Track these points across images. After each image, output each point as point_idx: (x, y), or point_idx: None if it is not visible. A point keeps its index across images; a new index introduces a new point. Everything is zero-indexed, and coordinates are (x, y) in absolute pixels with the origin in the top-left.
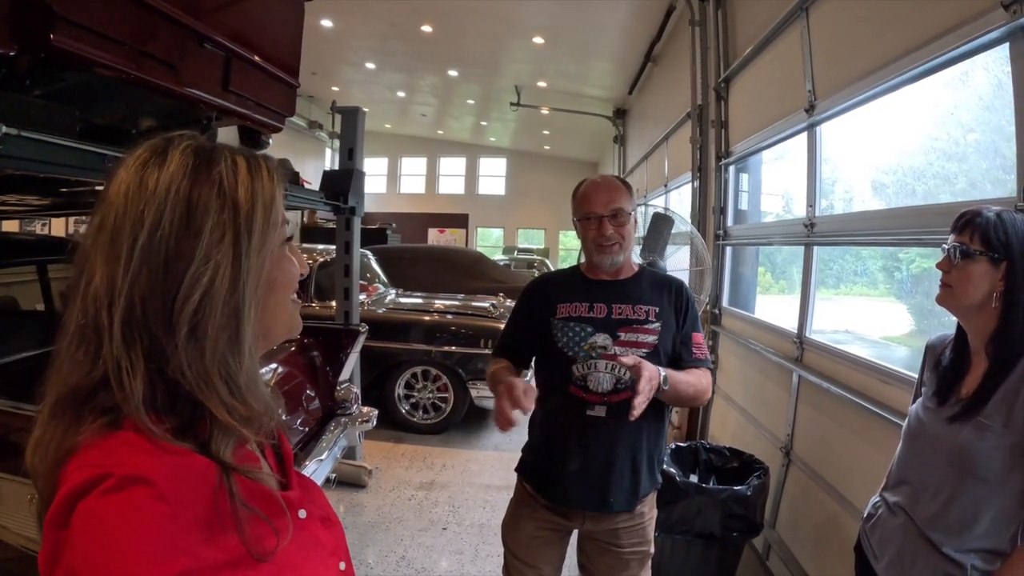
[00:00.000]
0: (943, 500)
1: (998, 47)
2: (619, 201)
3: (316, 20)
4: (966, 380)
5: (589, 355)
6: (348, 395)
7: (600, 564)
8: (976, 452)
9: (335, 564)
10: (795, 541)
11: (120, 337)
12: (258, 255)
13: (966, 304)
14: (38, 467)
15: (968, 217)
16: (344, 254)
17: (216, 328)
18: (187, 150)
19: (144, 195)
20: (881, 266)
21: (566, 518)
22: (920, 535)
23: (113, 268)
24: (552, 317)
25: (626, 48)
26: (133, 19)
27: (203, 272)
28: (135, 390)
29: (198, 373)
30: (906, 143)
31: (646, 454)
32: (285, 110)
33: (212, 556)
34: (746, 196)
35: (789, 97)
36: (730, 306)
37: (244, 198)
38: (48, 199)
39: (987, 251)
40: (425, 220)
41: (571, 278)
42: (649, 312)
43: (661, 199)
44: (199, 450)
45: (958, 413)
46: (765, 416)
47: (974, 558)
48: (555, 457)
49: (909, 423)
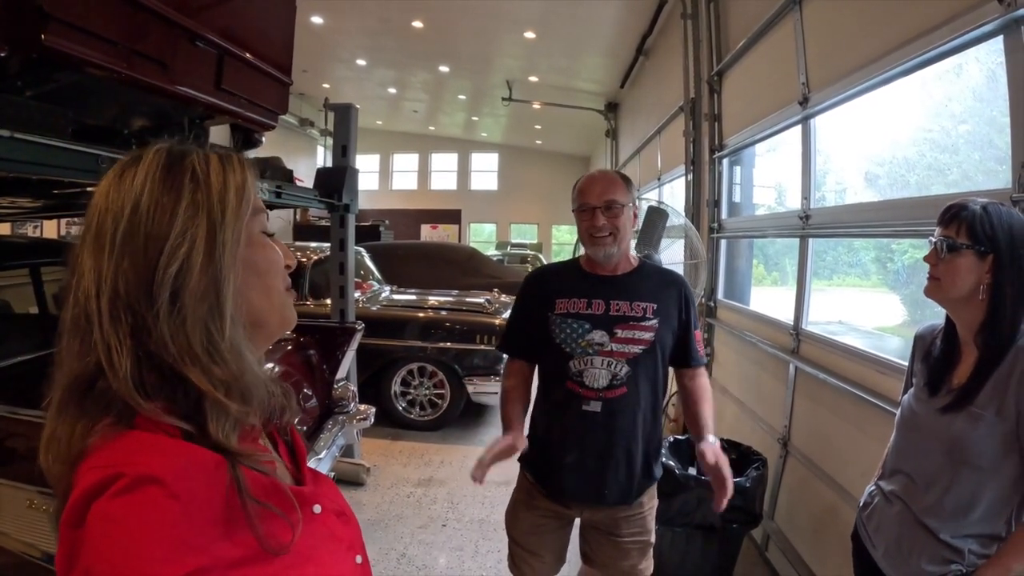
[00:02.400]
0: (939, 488)
1: (992, 40)
2: (613, 193)
3: (306, 17)
4: (956, 370)
5: (586, 351)
6: (345, 393)
7: (601, 553)
8: (970, 441)
9: (352, 558)
10: (793, 531)
11: (108, 319)
12: (232, 229)
13: (954, 296)
14: (52, 466)
15: (954, 210)
16: (339, 251)
17: (195, 298)
18: (160, 151)
19: (121, 191)
20: (874, 257)
21: (565, 507)
22: (917, 522)
23: (99, 259)
24: (551, 312)
25: (618, 42)
26: (124, 18)
27: (180, 244)
28: (123, 367)
29: (180, 345)
30: (899, 135)
31: (642, 449)
32: (278, 108)
33: (227, 552)
34: (740, 189)
35: (783, 90)
36: (725, 299)
37: (216, 180)
38: (41, 201)
39: (973, 244)
40: (418, 216)
41: (570, 272)
42: (647, 309)
43: (654, 192)
44: (199, 436)
45: (950, 403)
46: (762, 408)
47: (971, 543)
48: (552, 450)
49: (902, 413)
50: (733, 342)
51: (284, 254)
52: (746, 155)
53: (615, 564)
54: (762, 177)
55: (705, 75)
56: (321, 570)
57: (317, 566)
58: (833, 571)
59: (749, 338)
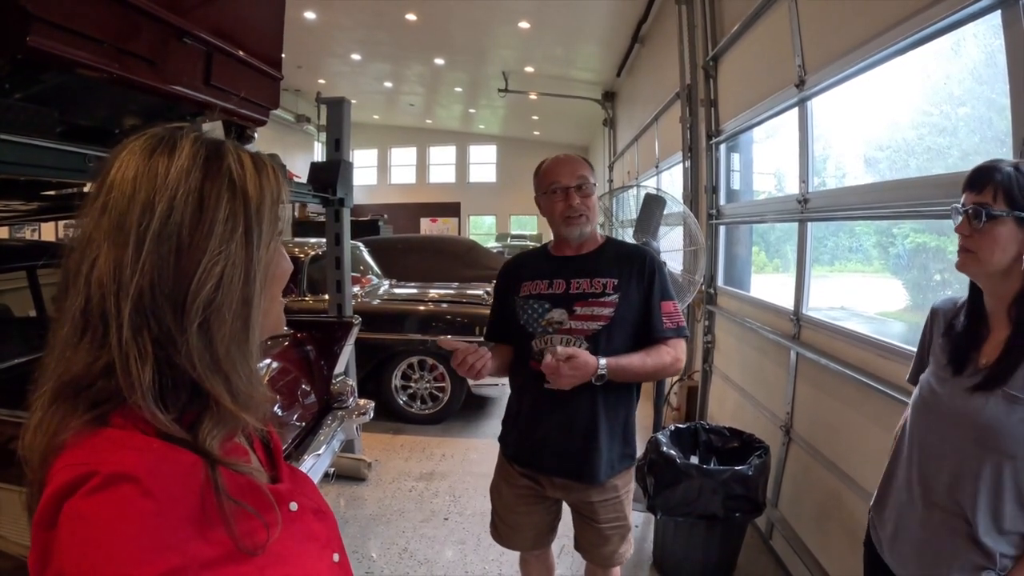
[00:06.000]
0: (967, 481)
1: (990, 15)
2: (582, 171)
3: (299, 12)
4: (984, 347)
5: (546, 331)
6: (344, 388)
7: (584, 539)
8: (1006, 427)
9: (329, 556)
10: (797, 519)
11: (129, 325)
12: (267, 248)
13: (993, 269)
14: (32, 454)
15: (986, 173)
16: (335, 246)
17: (229, 318)
18: (196, 141)
19: (154, 182)
20: (875, 242)
21: (539, 484)
22: (943, 524)
23: (120, 253)
24: (516, 296)
25: (613, 30)
26: (111, 16)
27: (216, 262)
28: (144, 378)
29: (208, 363)
30: (897, 117)
31: (606, 427)
32: (269, 103)
33: (202, 552)
34: (738, 175)
35: (779, 73)
36: (725, 285)
37: (254, 192)
38: (34, 203)
39: (1012, 210)
40: (417, 210)
41: (537, 257)
42: (607, 284)
43: (653, 180)
44: (187, 441)
45: (981, 383)
46: (764, 395)
47: (1003, 544)
48: (521, 427)
49: (921, 394)
50: (734, 329)
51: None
52: (744, 141)
53: (597, 550)
54: (761, 164)
55: (700, 60)
56: (297, 569)
57: (293, 565)
58: (837, 559)
59: (750, 325)
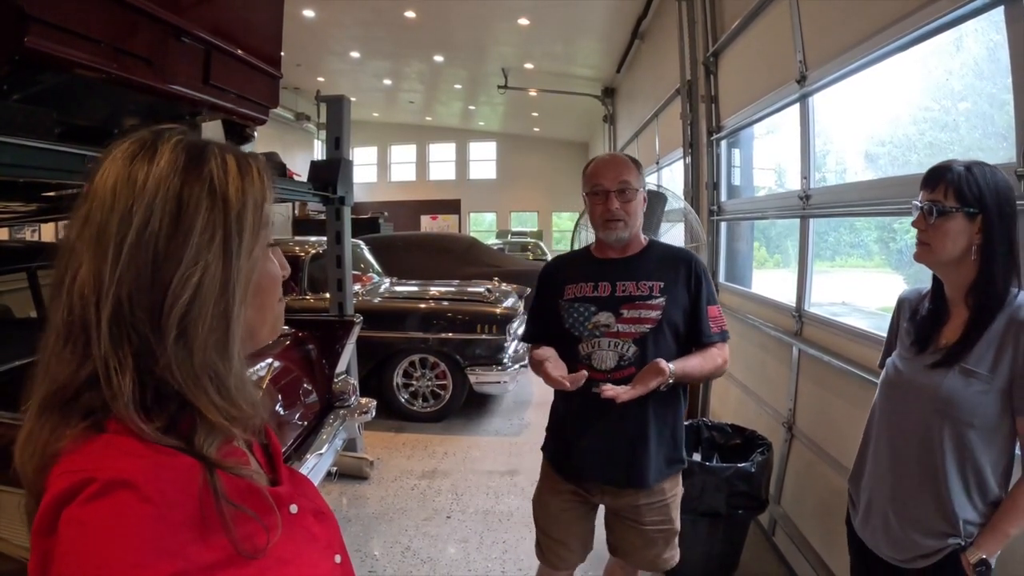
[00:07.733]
0: (929, 451)
1: (992, 10)
2: (626, 175)
3: (298, 10)
4: (944, 330)
5: (593, 334)
6: (345, 387)
7: (626, 542)
8: (961, 398)
9: (330, 557)
10: (800, 516)
11: (108, 335)
12: (248, 257)
13: (946, 260)
14: (26, 466)
15: (939, 173)
16: (335, 244)
17: (205, 330)
18: (177, 146)
19: (133, 191)
20: (876, 237)
21: (586, 491)
22: (909, 492)
23: (100, 264)
24: (560, 299)
25: (612, 26)
26: (108, 16)
27: (192, 273)
28: (124, 388)
29: (187, 374)
30: (898, 113)
31: (655, 431)
32: (269, 102)
33: (202, 556)
34: (739, 171)
35: (780, 69)
36: (727, 282)
37: (235, 197)
38: (33, 204)
39: (962, 206)
40: (417, 207)
41: (580, 259)
42: (653, 287)
43: (653, 176)
44: (184, 447)
45: (940, 360)
46: (766, 391)
47: (967, 510)
48: (567, 435)
49: (887, 374)
50: (735, 325)
51: (280, 264)
52: (745, 137)
53: (640, 553)
54: (762, 160)
55: (701, 56)
56: (299, 571)
57: (295, 568)
58: (841, 556)
59: (751, 321)
